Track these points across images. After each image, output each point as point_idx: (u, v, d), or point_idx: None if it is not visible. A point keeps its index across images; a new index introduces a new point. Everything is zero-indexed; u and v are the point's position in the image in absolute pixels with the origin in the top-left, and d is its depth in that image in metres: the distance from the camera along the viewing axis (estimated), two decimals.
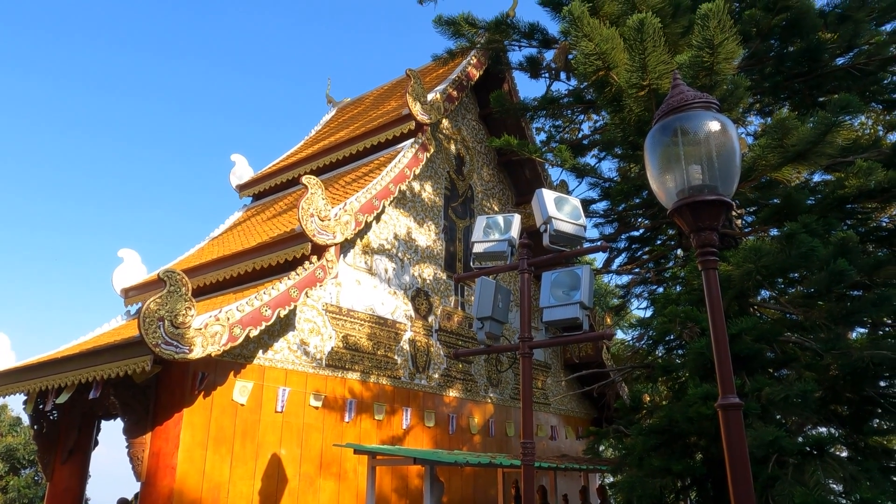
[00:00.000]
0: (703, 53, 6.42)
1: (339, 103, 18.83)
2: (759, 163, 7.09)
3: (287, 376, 9.12)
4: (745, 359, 6.69)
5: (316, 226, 9.12)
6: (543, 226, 5.04)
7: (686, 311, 6.85)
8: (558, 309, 4.86)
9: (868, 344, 6.72)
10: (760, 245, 6.61)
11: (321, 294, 9.90)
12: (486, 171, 14.50)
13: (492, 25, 11.35)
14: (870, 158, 8.00)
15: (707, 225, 2.95)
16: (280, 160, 15.60)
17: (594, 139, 13.20)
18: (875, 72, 9.90)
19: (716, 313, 2.88)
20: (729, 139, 3.05)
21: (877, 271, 7.21)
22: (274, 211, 12.85)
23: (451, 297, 12.53)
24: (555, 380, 15.08)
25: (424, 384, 11.33)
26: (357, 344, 10.24)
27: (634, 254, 13.15)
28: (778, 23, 8.75)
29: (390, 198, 10.77)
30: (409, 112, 11.58)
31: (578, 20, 7.02)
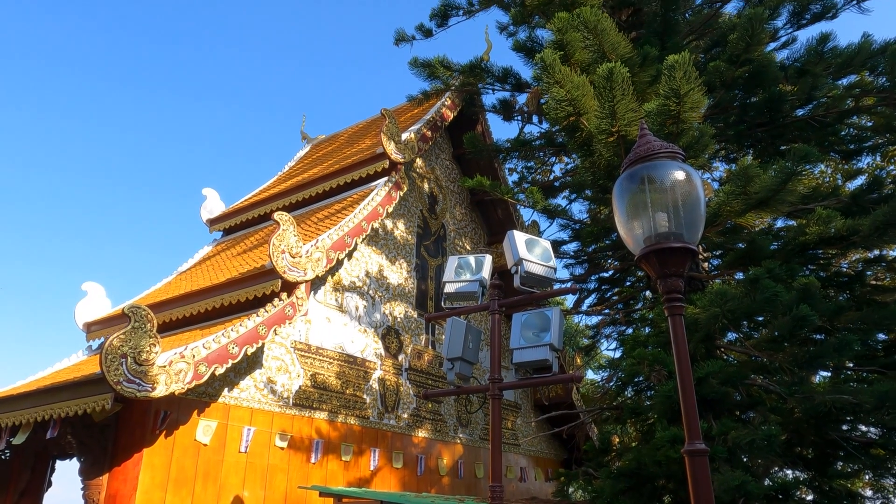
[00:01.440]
0: (669, 102, 6.63)
1: (313, 140, 18.91)
2: (723, 208, 7.28)
3: (252, 415, 8.92)
4: (711, 402, 6.76)
5: (287, 262, 9.06)
6: (514, 267, 5.09)
7: (654, 353, 6.92)
8: (528, 350, 4.88)
9: (830, 388, 6.86)
10: (726, 289, 6.74)
11: (290, 331, 9.77)
12: (459, 210, 14.62)
13: (466, 69, 11.59)
14: (829, 206, 8.27)
15: (673, 272, 3.01)
16: (252, 195, 15.54)
17: (565, 181, 13.44)
18: (833, 123, 10.31)
19: (682, 359, 2.92)
20: (694, 188, 3.14)
21: (838, 316, 7.40)
22: (244, 246, 12.75)
23: (421, 335, 12.47)
24: (525, 420, 15.00)
25: (393, 424, 11.17)
26: (325, 382, 10.10)
27: (604, 294, 13.30)
28: (741, 74, 9.09)
29: (363, 235, 10.77)
30: (384, 151, 11.68)
31: (550, 67, 7.21)
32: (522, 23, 11.17)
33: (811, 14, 10.07)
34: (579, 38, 8.02)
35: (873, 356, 9.14)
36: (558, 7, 8.89)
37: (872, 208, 7.85)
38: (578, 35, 7.98)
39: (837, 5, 9.85)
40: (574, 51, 8.06)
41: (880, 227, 7.19)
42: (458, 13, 11.86)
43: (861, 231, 7.27)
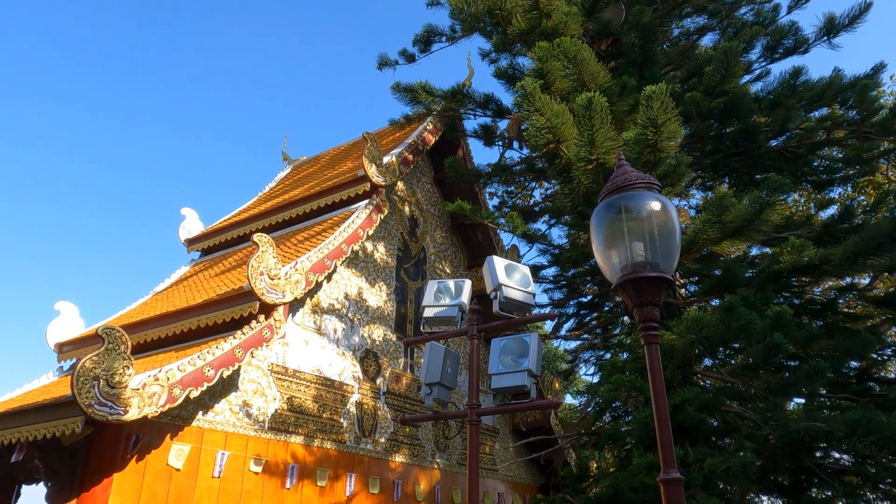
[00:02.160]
0: (647, 132, 6.76)
1: (294, 161, 18.90)
2: (700, 236, 7.39)
3: (227, 439, 8.78)
4: (687, 429, 6.80)
5: (265, 284, 9.00)
6: (493, 293, 5.11)
7: (631, 379, 6.97)
8: (506, 376, 4.88)
9: (804, 415, 6.94)
10: (702, 316, 6.83)
11: (267, 354, 9.67)
12: (440, 233, 14.66)
13: (448, 94, 11.72)
14: (802, 235, 8.46)
15: (649, 300, 3.06)
16: (232, 215, 15.45)
17: (545, 206, 13.58)
18: (806, 154, 10.58)
19: (657, 389, 2.95)
20: (669, 218, 3.21)
21: (811, 344, 7.53)
22: (223, 267, 12.64)
23: (400, 358, 12.41)
24: (503, 445, 14.92)
25: (370, 448, 11.05)
26: (302, 406, 9.98)
27: (583, 319, 13.38)
28: (717, 105, 9.30)
29: (342, 258, 10.74)
30: (365, 173, 11.71)
31: (531, 95, 7.32)
32: (504, 50, 11.36)
33: (784, 48, 10.37)
34: (559, 67, 8.16)
35: (846, 384, 9.28)
36: (539, 36, 9.06)
37: (844, 238, 8.03)
38: (559, 64, 8.12)
39: (809, 41, 10.16)
40: (554, 79, 8.19)
41: (851, 257, 7.36)
42: (441, 39, 12.02)
43: (833, 260, 7.42)
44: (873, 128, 9.67)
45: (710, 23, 12.13)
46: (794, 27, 10.30)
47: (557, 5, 8.92)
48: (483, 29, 11.14)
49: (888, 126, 9.46)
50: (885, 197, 10.48)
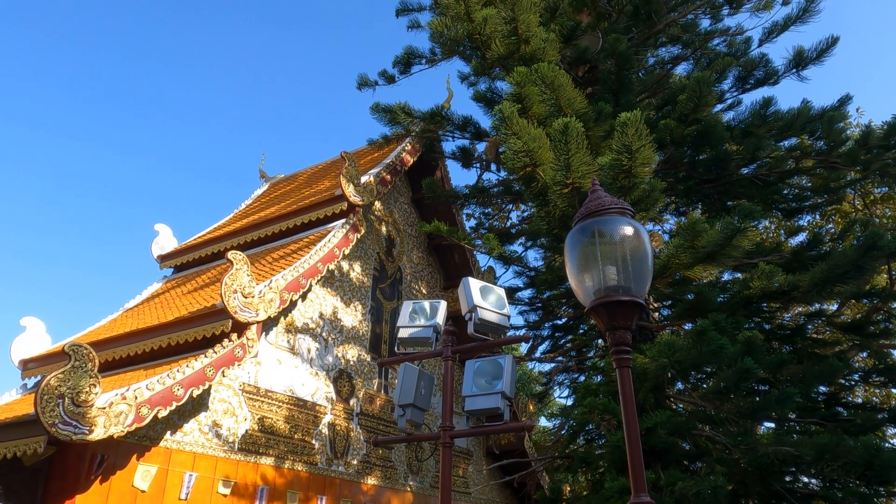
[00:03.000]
0: (622, 157, 6.86)
1: (272, 179, 18.82)
2: (673, 261, 7.49)
3: (195, 460, 8.60)
4: (659, 452, 6.83)
5: (238, 302, 8.90)
6: (468, 314, 5.12)
7: (604, 403, 6.99)
8: (480, 398, 4.87)
9: (774, 439, 7.01)
10: (674, 340, 6.90)
11: (239, 373, 9.54)
12: (416, 253, 14.66)
13: (427, 116, 11.80)
14: (772, 262, 8.60)
15: (621, 324, 3.09)
16: (206, 232, 15.30)
17: (522, 228, 13.66)
18: (776, 182, 10.81)
19: (629, 413, 2.97)
20: (641, 243, 3.25)
21: (780, 369, 7.63)
22: (196, 284, 12.48)
23: (374, 379, 12.31)
24: (476, 468, 14.83)
25: (342, 470, 10.90)
26: (273, 427, 9.83)
27: (558, 342, 13.42)
28: (690, 133, 9.49)
29: (318, 276, 10.68)
30: (342, 193, 11.70)
31: (508, 119, 7.41)
32: (483, 74, 11.49)
33: (755, 79, 10.64)
34: (537, 92, 8.28)
35: (814, 408, 9.43)
36: (517, 61, 9.18)
37: (812, 265, 8.19)
38: (536, 89, 8.24)
39: (779, 72, 10.44)
40: (532, 104, 8.30)
41: (819, 283, 7.50)
42: (420, 62, 12.12)
43: (801, 286, 7.56)
44: (840, 158, 9.93)
45: (684, 52, 12.43)
46: (765, 59, 10.59)
47: (536, 32, 9.06)
48: (462, 52, 11.28)
49: (854, 157, 9.72)
50: (851, 226, 10.73)
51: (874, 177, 10.62)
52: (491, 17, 8.95)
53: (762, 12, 11.47)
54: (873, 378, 10.53)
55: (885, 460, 6.38)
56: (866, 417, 9.07)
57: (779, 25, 10.67)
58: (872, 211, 14.03)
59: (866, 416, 9.24)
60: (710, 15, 12.38)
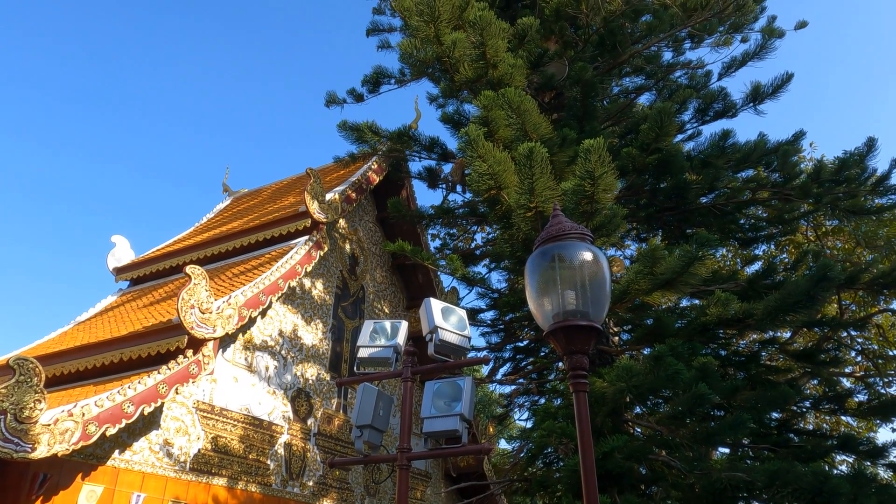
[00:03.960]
0: (585, 183, 6.98)
1: (235, 193, 18.58)
2: (632, 286, 7.61)
3: (144, 480, 8.32)
4: (616, 476, 6.86)
5: (195, 318, 8.71)
6: (429, 335, 5.10)
7: (562, 426, 7.01)
8: (439, 420, 4.84)
9: (727, 465, 7.12)
10: (632, 365, 6.98)
11: (193, 391, 9.30)
12: (380, 272, 14.59)
13: (394, 135, 11.84)
14: (729, 289, 8.79)
15: (579, 349, 3.11)
16: (165, 245, 14.99)
17: (486, 250, 13.75)
18: (733, 212, 11.12)
19: (584, 435, 2.98)
20: (600, 269, 3.29)
21: (734, 395, 7.78)
22: (152, 298, 12.19)
23: (333, 399, 12.14)
24: (434, 490, 14.68)
25: (297, 492, 10.67)
26: (227, 446, 9.59)
27: (519, 364, 13.48)
28: (651, 161, 9.71)
29: (279, 293, 10.53)
30: (307, 209, 11.61)
31: (474, 141, 7.48)
32: (451, 96, 11.61)
33: (714, 111, 10.98)
34: (503, 116, 8.38)
35: (767, 434, 9.61)
36: (485, 85, 9.30)
37: (766, 293, 8.40)
38: (503, 113, 8.34)
39: (737, 106, 10.80)
40: (498, 127, 8.40)
41: (773, 312, 7.69)
42: (390, 81, 12.19)
43: (756, 314, 7.74)
44: (794, 190, 10.27)
45: (647, 83, 12.76)
46: (724, 92, 10.95)
47: (504, 57, 9.20)
48: (432, 74, 11.38)
49: (807, 190, 10.06)
50: (804, 256, 11.07)
51: (826, 209, 11.00)
52: (460, 41, 9.06)
53: (722, 48, 11.88)
54: (823, 405, 10.80)
55: (832, 487, 6.52)
56: (816, 444, 9.28)
57: (737, 61, 11.06)
58: (824, 242, 14.51)
59: (816, 442, 9.46)
60: (673, 48, 12.77)
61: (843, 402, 10.46)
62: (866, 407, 10.40)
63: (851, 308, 13.40)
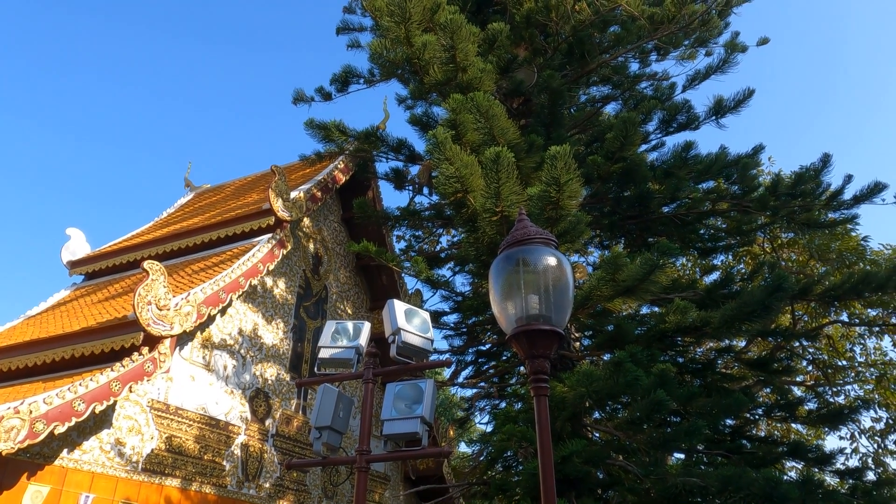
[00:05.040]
0: (550, 189, 7.03)
1: (197, 188, 18.24)
2: (594, 293, 7.70)
3: (93, 480, 8.08)
4: (574, 480, 6.92)
5: (152, 314, 8.51)
6: (392, 336, 5.07)
7: (522, 430, 7.05)
8: (399, 422, 4.81)
9: (682, 470, 7.24)
10: (593, 370, 7.06)
11: (148, 389, 9.08)
12: (343, 273, 14.48)
13: (362, 135, 11.77)
14: (688, 298, 8.97)
15: (541, 353, 3.12)
16: (123, 239, 14.62)
17: (451, 253, 13.76)
18: (693, 222, 11.35)
19: (544, 439, 2.99)
20: (564, 274, 3.31)
21: (691, 402, 7.92)
22: (107, 293, 11.87)
23: (293, 399, 11.99)
24: (393, 493, 14.60)
25: (253, 494, 10.50)
26: (182, 447, 9.39)
27: (481, 367, 13.50)
28: (616, 170, 9.86)
29: (239, 291, 10.36)
30: (270, 207, 11.45)
31: (442, 144, 7.48)
32: (420, 98, 11.59)
33: (678, 123, 11.20)
34: (472, 120, 8.41)
35: (721, 440, 9.81)
36: (454, 88, 9.32)
37: (723, 302, 8.59)
38: (471, 117, 8.37)
39: (700, 118, 11.03)
40: (466, 131, 8.42)
41: (729, 320, 7.87)
42: (359, 81, 12.12)
43: (713, 323, 7.91)
44: (752, 203, 10.53)
45: (613, 93, 12.96)
46: (687, 105, 11.18)
47: (474, 61, 9.23)
48: (401, 76, 11.36)
49: (765, 202, 10.32)
50: (760, 267, 11.36)
51: (782, 222, 11.31)
52: (430, 44, 9.06)
53: (687, 61, 12.13)
54: (775, 413, 11.08)
55: (782, 492, 6.69)
56: (767, 451, 9.51)
57: (701, 74, 11.31)
58: (779, 254, 14.90)
59: (767, 449, 9.70)
60: (639, 59, 12.99)
61: (793, 410, 10.75)
62: (816, 415, 10.70)
63: (804, 319, 13.79)
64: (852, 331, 14.51)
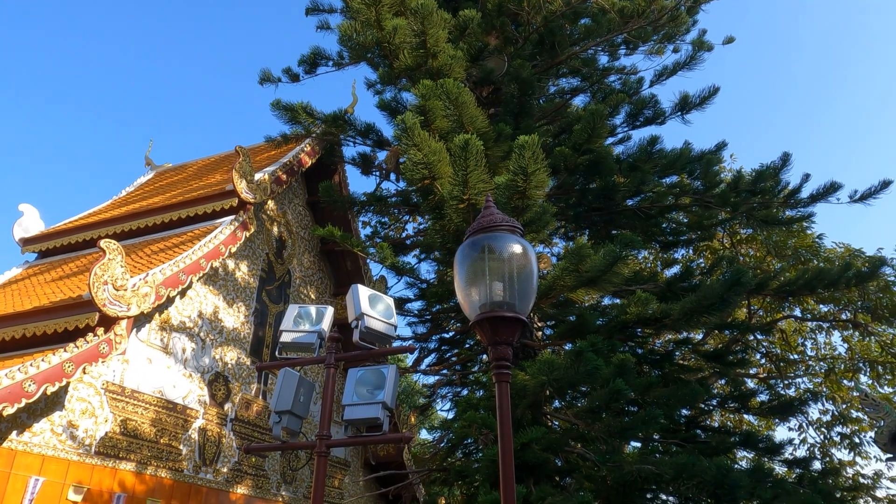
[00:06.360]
0: (518, 179, 7.05)
1: (158, 167, 17.81)
2: (558, 283, 7.77)
3: (44, 463, 7.88)
4: (533, 467, 7.01)
5: (108, 295, 8.30)
6: (355, 321, 5.04)
7: (483, 417, 7.10)
8: (360, 407, 4.79)
9: (638, 458, 7.39)
10: (554, 359, 7.13)
11: (103, 371, 8.87)
12: (307, 257, 14.33)
13: (329, 118, 11.62)
14: (648, 290, 9.12)
15: (503, 339, 3.13)
16: (79, 217, 14.21)
17: (417, 240, 13.72)
18: (656, 216, 11.52)
19: (504, 425, 3.01)
20: (528, 262, 3.32)
21: (648, 392, 8.07)
22: (61, 272, 11.53)
23: (253, 384, 11.85)
24: (353, 479, 14.60)
25: (210, 479, 10.38)
26: (137, 430, 9.21)
27: (444, 355, 13.53)
28: (583, 162, 9.93)
29: (200, 273, 10.17)
30: (234, 188, 11.24)
31: (410, 130, 7.43)
32: (390, 83, 11.50)
33: (644, 117, 11.32)
34: (441, 107, 8.37)
35: (676, 430, 10.04)
36: (424, 74, 9.25)
37: (683, 295, 8.76)
38: (440, 104, 8.32)
39: (666, 113, 11.18)
40: (435, 118, 8.38)
41: (688, 313, 8.02)
42: (327, 64, 11.95)
43: (672, 315, 8.06)
44: (713, 198, 10.73)
45: (582, 85, 13.03)
46: (654, 99, 11.31)
47: (444, 48, 9.18)
48: (371, 60, 11.23)
49: (725, 198, 10.53)
50: (719, 262, 11.60)
51: (741, 218, 11.57)
52: (401, 28, 8.97)
53: (655, 56, 12.27)
54: (729, 404, 11.38)
55: (733, 480, 6.88)
56: (720, 440, 9.77)
57: (668, 69, 11.45)
58: (738, 250, 15.25)
59: (720, 439, 9.96)
60: (609, 53, 13.08)
61: (746, 402, 11.05)
62: (767, 407, 11.03)
63: (759, 313, 14.16)
64: (804, 326, 14.97)
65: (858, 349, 13.98)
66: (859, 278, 9.89)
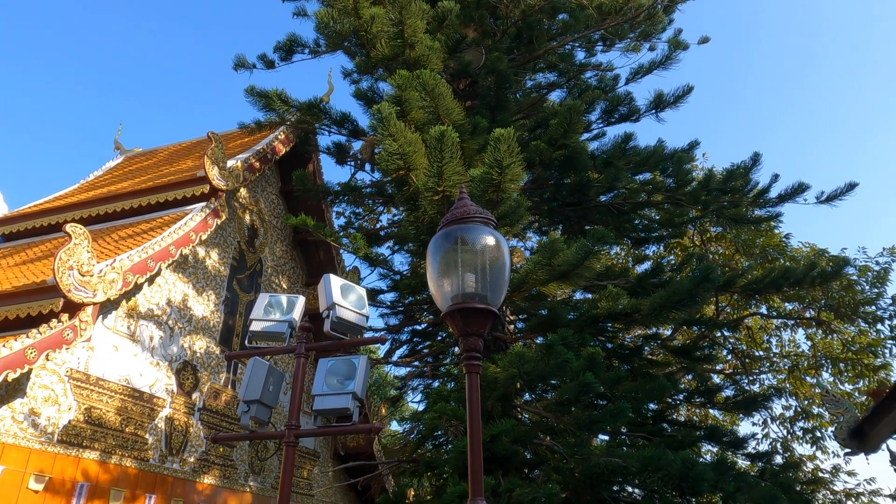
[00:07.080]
0: (493, 171, 7.06)
1: (128, 152, 17.48)
2: (530, 276, 7.81)
3: (3, 451, 7.71)
4: (501, 459, 7.05)
5: (74, 280, 8.12)
6: (326, 311, 5.02)
7: (454, 409, 7.12)
8: (330, 398, 4.78)
9: (605, 451, 7.48)
10: (525, 352, 7.17)
11: (67, 358, 8.69)
12: (280, 246, 14.20)
13: (304, 106, 11.49)
14: (619, 285, 9.21)
15: (474, 331, 3.14)
16: (45, 201, 13.89)
17: (391, 231, 13.67)
18: (629, 212, 11.63)
19: (474, 417, 3.02)
20: (501, 254, 3.33)
21: (617, 385, 8.17)
22: (25, 257, 11.26)
23: (222, 373, 11.72)
24: (322, 469, 14.55)
25: (177, 468, 10.25)
26: (102, 418, 9.05)
27: (416, 347, 13.52)
28: (558, 157, 9.97)
29: (169, 260, 10.01)
30: (205, 175, 11.08)
31: (386, 120, 7.38)
32: (366, 72, 11.39)
33: (619, 114, 11.41)
34: (417, 98, 8.32)
35: (644, 423, 10.18)
36: (401, 64, 9.20)
37: (653, 291, 8.87)
38: (417, 94, 8.28)
39: (640, 111, 11.27)
40: (411, 108, 8.33)
41: (658, 308, 8.12)
42: (303, 51, 11.79)
43: (642, 310, 8.15)
44: (685, 196, 10.86)
45: (559, 80, 13.08)
46: (629, 97, 11.40)
47: (422, 38, 9.12)
48: (348, 48, 11.12)
49: (696, 196, 10.67)
50: (689, 259, 11.77)
51: (711, 216, 11.73)
52: (378, 17, 8.90)
53: (631, 53, 12.36)
54: (695, 399, 11.57)
55: (697, 473, 7.01)
56: (686, 434, 9.93)
57: (644, 68, 11.54)
58: (708, 247, 15.48)
59: (686, 433, 10.13)
60: (586, 49, 13.15)
61: (712, 397, 11.24)
62: (732, 402, 11.24)
63: (726, 310, 14.40)
64: (770, 323, 15.27)
65: (821, 347, 14.31)
66: (823, 277, 10.11)
